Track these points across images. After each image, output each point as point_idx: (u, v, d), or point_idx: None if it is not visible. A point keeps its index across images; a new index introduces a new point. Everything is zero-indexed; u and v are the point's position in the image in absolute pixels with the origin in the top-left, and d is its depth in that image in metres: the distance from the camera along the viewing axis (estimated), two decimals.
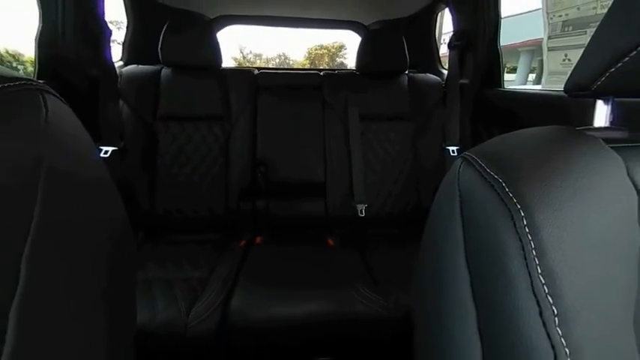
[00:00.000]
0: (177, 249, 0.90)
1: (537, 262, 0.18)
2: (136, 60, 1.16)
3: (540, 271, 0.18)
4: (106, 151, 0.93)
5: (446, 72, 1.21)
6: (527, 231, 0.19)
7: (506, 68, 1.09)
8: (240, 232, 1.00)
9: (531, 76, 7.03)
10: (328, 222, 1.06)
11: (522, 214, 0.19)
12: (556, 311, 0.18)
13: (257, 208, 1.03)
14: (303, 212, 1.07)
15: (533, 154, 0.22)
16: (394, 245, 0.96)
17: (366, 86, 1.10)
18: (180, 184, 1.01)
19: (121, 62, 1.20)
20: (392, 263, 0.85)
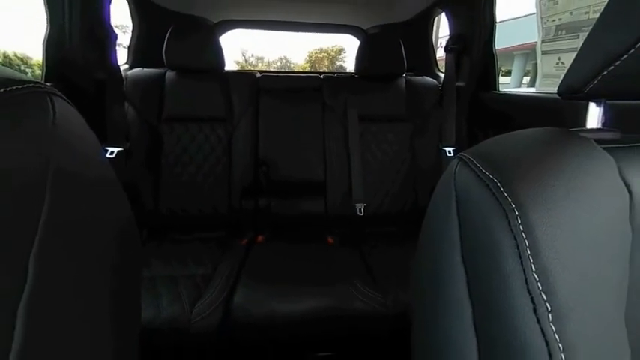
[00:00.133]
0: (181, 247, 0.90)
1: (531, 260, 0.18)
2: (141, 63, 1.16)
3: (534, 269, 0.18)
4: (111, 152, 0.93)
5: (442, 75, 1.20)
6: (521, 230, 0.19)
7: (501, 71, 1.09)
8: (242, 230, 1.00)
9: (525, 79, 7.03)
10: (328, 221, 1.06)
11: (517, 214, 0.19)
12: (550, 308, 0.18)
13: (259, 207, 1.03)
14: (303, 211, 1.07)
15: (528, 155, 0.22)
16: (392, 244, 0.96)
17: (365, 89, 1.10)
18: (184, 183, 1.01)
19: (126, 65, 1.20)
20: (390, 261, 0.85)
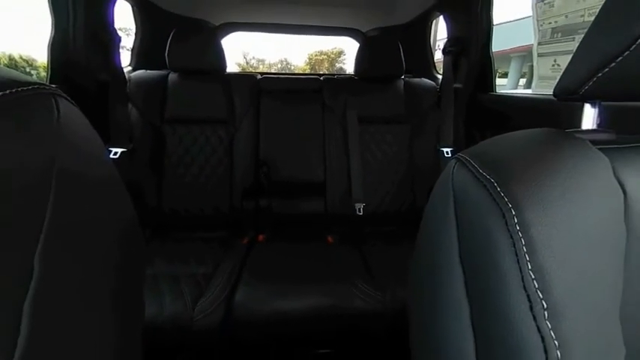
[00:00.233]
0: (183, 246, 0.90)
1: (528, 259, 0.18)
2: (144, 65, 1.16)
3: (530, 267, 0.18)
4: (115, 152, 0.93)
5: (440, 77, 1.20)
6: (517, 229, 0.19)
7: (497, 73, 1.09)
8: (243, 229, 1.00)
9: (522, 81, 7.02)
10: (328, 220, 1.06)
11: (513, 213, 0.19)
12: (546, 305, 0.18)
13: (260, 207, 1.03)
14: (303, 211, 1.07)
15: (524, 156, 0.22)
16: (391, 243, 0.96)
17: (364, 90, 1.10)
18: (186, 183, 1.01)
19: (129, 67, 1.20)
20: (389, 260, 0.85)
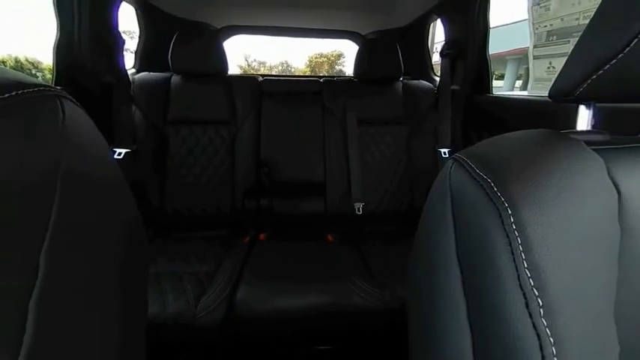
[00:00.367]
0: (185, 245, 0.90)
1: (524, 257, 0.18)
2: (148, 67, 1.16)
3: (526, 266, 0.18)
4: (119, 153, 0.93)
5: (438, 79, 1.21)
6: (514, 228, 0.19)
7: (494, 75, 1.09)
8: (244, 229, 1.00)
9: (518, 83, 7.02)
10: (328, 219, 1.06)
11: (509, 212, 0.19)
12: (541, 303, 0.18)
13: (261, 207, 1.03)
14: (304, 210, 1.07)
15: (520, 156, 0.22)
16: (389, 241, 0.96)
17: (364, 92, 1.10)
18: (188, 183, 1.01)
19: (133, 69, 1.20)
20: (387, 258, 0.85)
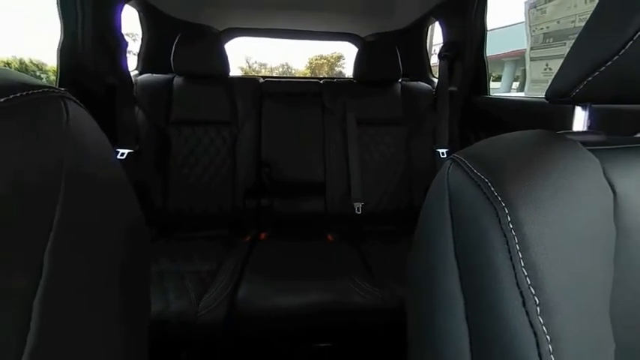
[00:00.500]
0: (187, 244, 0.90)
1: (520, 256, 0.18)
2: (150, 69, 1.16)
3: (523, 264, 0.18)
4: (122, 154, 0.93)
5: (436, 80, 1.21)
6: (511, 227, 0.19)
7: (491, 77, 1.09)
8: (245, 228, 1.00)
9: (515, 84, 7.02)
10: (328, 219, 1.06)
11: (506, 212, 0.19)
12: (538, 301, 0.18)
13: (262, 206, 1.03)
14: (304, 210, 1.07)
15: (517, 156, 0.22)
16: (389, 241, 0.96)
17: (363, 93, 1.10)
18: (190, 183, 1.01)
19: (136, 71, 1.20)
20: (387, 257, 0.85)
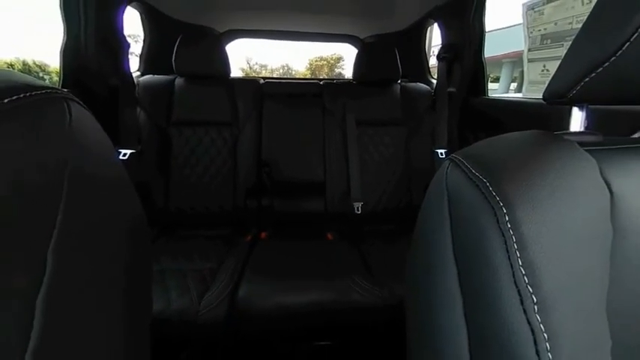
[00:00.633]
0: (189, 243, 0.90)
1: (518, 255, 0.18)
2: (152, 70, 1.16)
3: (521, 263, 0.18)
4: (124, 154, 0.93)
5: (435, 81, 1.21)
6: (508, 226, 0.19)
7: (489, 78, 1.09)
8: (246, 227, 1.00)
9: (513, 85, 7.03)
10: (327, 218, 1.06)
11: (504, 211, 0.19)
12: (535, 299, 0.18)
13: (262, 206, 1.03)
14: (304, 209, 1.06)
15: (515, 157, 0.22)
16: (388, 240, 0.96)
17: (362, 94, 1.10)
18: (192, 183, 1.01)
19: (138, 72, 1.20)
20: (386, 256, 0.85)
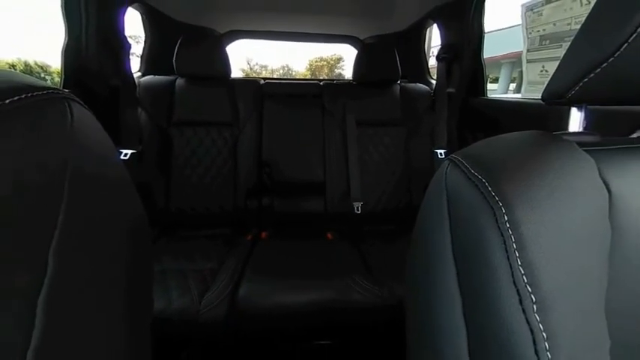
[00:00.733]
0: (189, 243, 0.90)
1: (517, 255, 0.18)
2: (153, 71, 1.16)
3: (520, 263, 0.18)
4: (125, 154, 0.93)
5: (434, 82, 1.21)
6: (507, 226, 0.19)
7: (489, 78, 1.09)
8: (247, 227, 1.00)
9: (512, 86, 7.03)
10: (327, 218, 1.06)
11: (503, 211, 0.19)
12: (534, 299, 0.18)
13: (262, 206, 1.03)
14: (304, 209, 1.07)
15: (514, 157, 0.22)
16: (388, 240, 0.96)
17: (362, 95, 1.10)
18: (192, 184, 1.01)
19: (139, 73, 1.20)
20: (386, 256, 0.85)
